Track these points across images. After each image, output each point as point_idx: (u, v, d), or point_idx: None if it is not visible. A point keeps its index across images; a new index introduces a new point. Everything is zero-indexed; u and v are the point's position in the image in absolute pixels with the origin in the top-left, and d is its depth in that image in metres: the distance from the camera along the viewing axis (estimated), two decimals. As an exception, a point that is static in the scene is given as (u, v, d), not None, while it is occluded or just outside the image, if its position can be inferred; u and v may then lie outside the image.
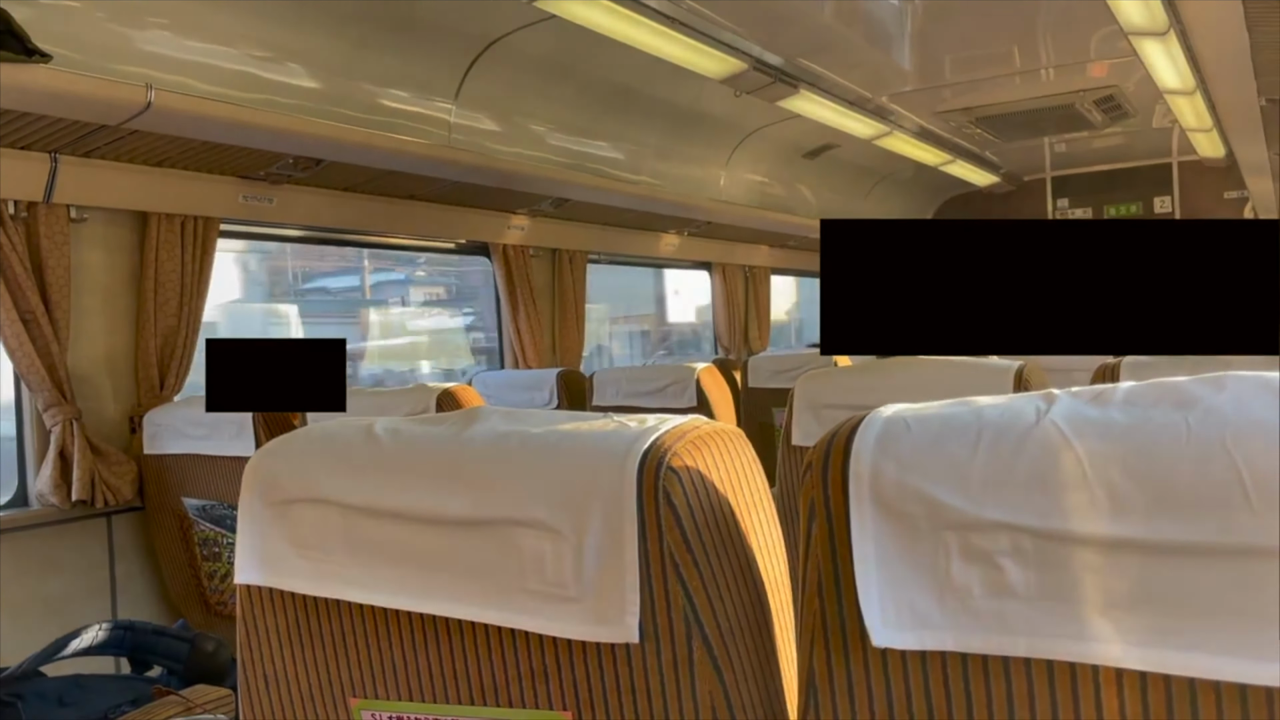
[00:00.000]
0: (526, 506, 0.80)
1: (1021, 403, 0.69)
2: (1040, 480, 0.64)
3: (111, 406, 2.77)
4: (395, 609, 0.87)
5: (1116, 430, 0.63)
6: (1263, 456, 0.58)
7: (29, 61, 2.10)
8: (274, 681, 0.93)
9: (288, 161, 2.87)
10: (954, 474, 0.66)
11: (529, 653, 0.81)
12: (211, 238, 2.91)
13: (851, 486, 0.69)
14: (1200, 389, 0.64)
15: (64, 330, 2.56)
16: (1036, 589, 0.63)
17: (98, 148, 2.52)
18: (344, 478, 0.89)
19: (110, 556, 2.75)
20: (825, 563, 0.71)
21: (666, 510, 0.76)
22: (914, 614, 0.67)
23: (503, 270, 4.13)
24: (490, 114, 3.51)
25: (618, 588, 0.76)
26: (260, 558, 0.92)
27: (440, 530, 0.83)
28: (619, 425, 0.83)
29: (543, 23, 3.06)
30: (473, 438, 0.86)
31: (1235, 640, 0.59)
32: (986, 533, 0.65)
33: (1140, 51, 3.54)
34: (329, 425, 0.97)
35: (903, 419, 0.71)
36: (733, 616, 0.78)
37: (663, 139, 4.42)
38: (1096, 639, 0.62)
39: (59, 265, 2.54)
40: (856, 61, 3.88)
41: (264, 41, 2.76)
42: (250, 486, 0.94)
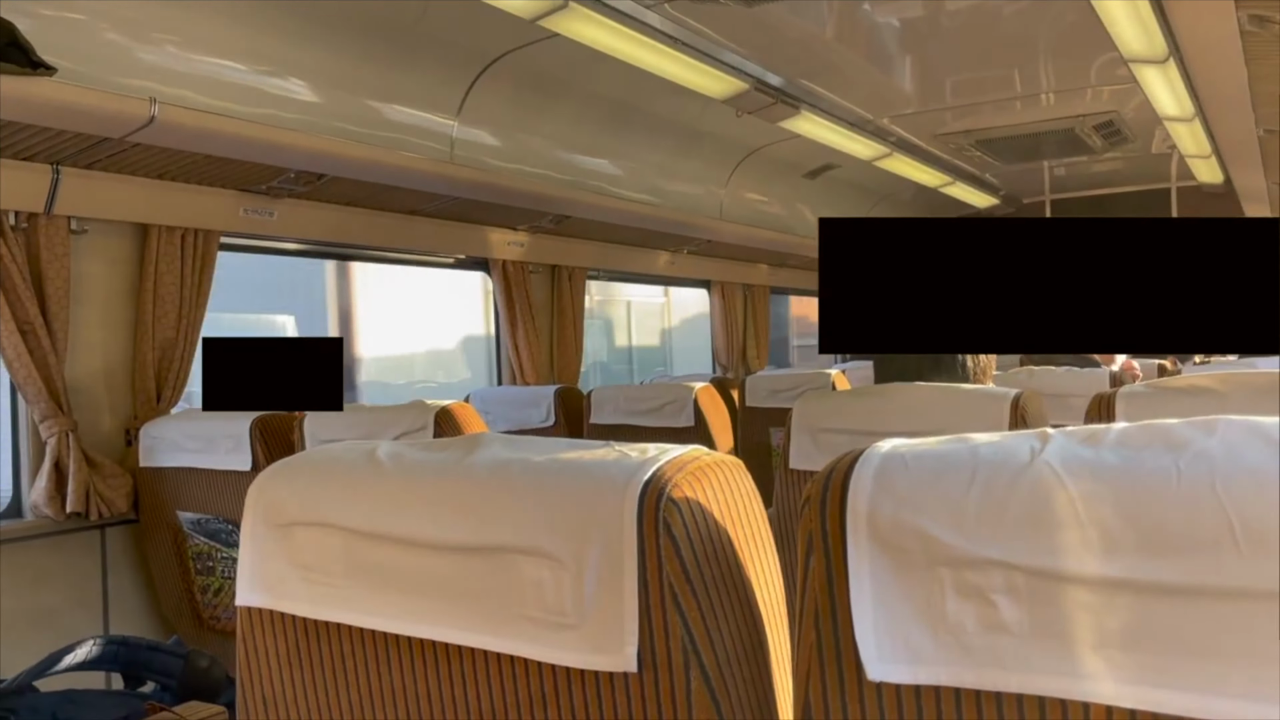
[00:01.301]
0: (527, 534, 0.81)
1: (1016, 442, 0.70)
2: (1033, 519, 0.65)
3: (108, 418, 2.76)
4: (395, 634, 0.87)
5: (1108, 471, 0.64)
6: (1252, 500, 0.59)
7: (33, 74, 2.10)
8: (273, 703, 0.93)
9: (289, 175, 2.88)
10: (949, 511, 0.67)
11: (527, 680, 0.82)
12: (211, 251, 2.91)
13: (849, 521, 0.70)
14: (1191, 432, 0.65)
15: (62, 342, 2.55)
16: (1029, 626, 0.64)
17: (100, 160, 2.52)
18: (346, 501, 0.89)
19: (103, 569, 2.73)
20: (822, 596, 0.71)
21: (666, 540, 0.76)
22: (909, 648, 0.68)
23: (502, 286, 4.13)
24: (492, 130, 3.52)
25: (616, 617, 0.77)
26: (261, 579, 0.93)
27: (441, 556, 0.84)
28: (620, 455, 0.83)
29: (546, 40, 3.08)
30: (475, 464, 0.87)
31: (1224, 680, 0.60)
32: (981, 569, 0.66)
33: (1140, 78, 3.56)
34: (332, 449, 0.97)
35: (900, 455, 0.72)
36: (730, 648, 0.79)
37: (664, 157, 4.43)
38: (1088, 676, 0.63)
39: (58, 276, 2.53)
40: (858, 83, 3.90)
41: (267, 56, 2.77)
42: (253, 508, 0.94)
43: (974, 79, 4.02)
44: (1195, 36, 3.03)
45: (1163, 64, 3.35)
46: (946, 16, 3.29)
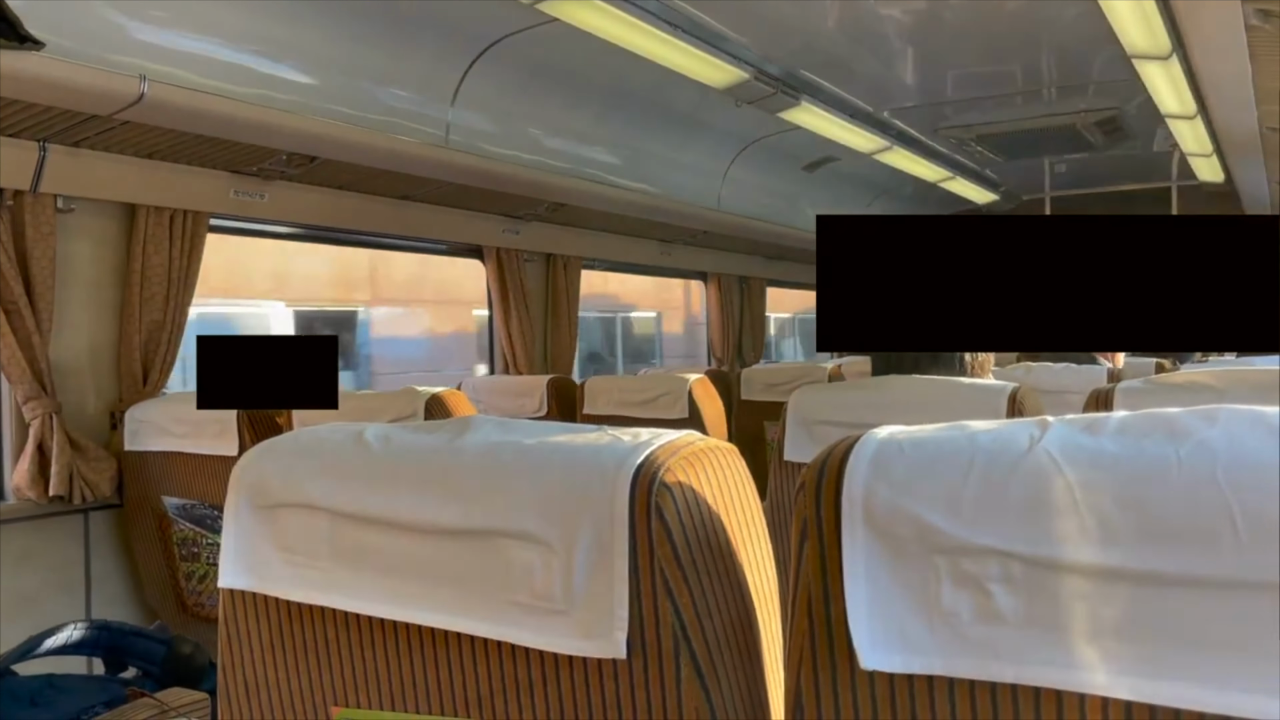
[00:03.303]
0: (517, 518, 0.79)
1: (1015, 429, 0.69)
2: (1031, 507, 0.64)
3: (93, 401, 2.72)
4: (381, 618, 0.86)
5: (1108, 460, 0.64)
6: (1253, 491, 0.59)
7: (21, 48, 2.07)
8: (255, 688, 0.92)
9: (281, 157, 2.85)
10: (946, 498, 0.67)
11: (514, 665, 0.81)
12: (201, 233, 2.87)
13: (844, 508, 0.69)
14: (1193, 421, 0.64)
15: (47, 322, 2.52)
16: (1025, 616, 0.64)
17: (88, 137, 2.49)
18: (333, 483, 0.88)
19: (86, 554, 2.71)
20: (815, 583, 0.71)
21: (658, 526, 0.75)
22: (903, 637, 0.67)
23: (495, 274, 4.11)
24: (488, 115, 3.49)
25: (606, 602, 0.76)
26: (245, 562, 0.91)
27: (429, 539, 0.83)
28: (613, 438, 0.82)
29: (544, 26, 3.05)
30: (464, 447, 0.85)
31: (1223, 672, 0.59)
32: (977, 558, 0.65)
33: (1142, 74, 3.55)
34: (319, 429, 0.96)
35: (897, 441, 0.71)
36: (721, 635, 0.78)
37: (661, 147, 4.41)
38: (1084, 667, 0.62)
39: (44, 256, 2.50)
40: (859, 75, 3.89)
41: (261, 35, 2.73)
42: (237, 489, 0.93)
43: (976, 73, 4.01)
44: (1200, 31, 3.01)
45: (1166, 60, 3.33)
46: (949, 10, 3.28)
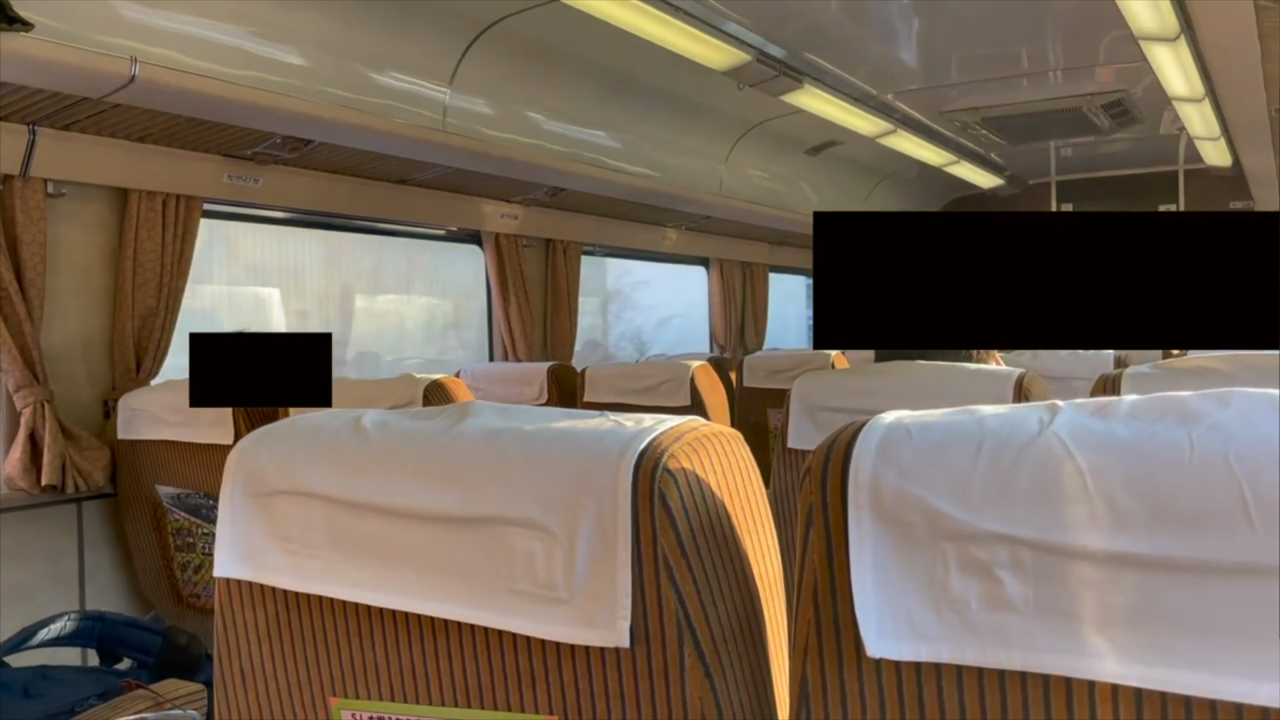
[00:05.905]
0: (518, 505, 0.78)
1: (1024, 413, 0.68)
2: (1041, 492, 0.63)
3: (85, 389, 2.69)
4: (379, 607, 0.85)
5: (1119, 444, 0.63)
6: (1266, 475, 0.58)
7: (9, 30, 2.04)
8: (251, 678, 0.91)
9: (275, 141, 2.80)
10: (954, 484, 0.66)
11: (516, 654, 0.80)
12: (194, 218, 2.83)
13: (850, 494, 0.69)
14: (1205, 405, 0.64)
15: (38, 309, 2.48)
16: (1034, 602, 0.63)
17: (78, 120, 2.45)
18: (330, 471, 0.87)
19: (80, 544, 2.68)
20: (821, 570, 0.70)
21: (661, 512, 0.74)
22: (910, 625, 0.67)
23: (494, 260, 4.07)
24: (486, 98, 3.45)
25: (609, 591, 0.75)
26: (241, 551, 0.90)
27: (428, 527, 0.81)
28: (615, 424, 0.81)
29: (543, 6, 3.01)
30: (464, 433, 0.84)
31: (1233, 659, 0.58)
32: (985, 544, 0.65)
33: (1150, 56, 3.51)
34: (315, 416, 0.95)
35: (904, 426, 0.70)
36: (725, 622, 0.77)
37: (662, 130, 4.37)
38: (1093, 654, 0.62)
39: (34, 241, 2.46)
40: (862, 57, 3.85)
41: (254, 17, 2.69)
42: (232, 477, 0.92)
43: (981, 55, 3.97)
44: (1208, 13, 2.98)
45: (1174, 42, 3.29)
46: (954, -10, 3.23)
